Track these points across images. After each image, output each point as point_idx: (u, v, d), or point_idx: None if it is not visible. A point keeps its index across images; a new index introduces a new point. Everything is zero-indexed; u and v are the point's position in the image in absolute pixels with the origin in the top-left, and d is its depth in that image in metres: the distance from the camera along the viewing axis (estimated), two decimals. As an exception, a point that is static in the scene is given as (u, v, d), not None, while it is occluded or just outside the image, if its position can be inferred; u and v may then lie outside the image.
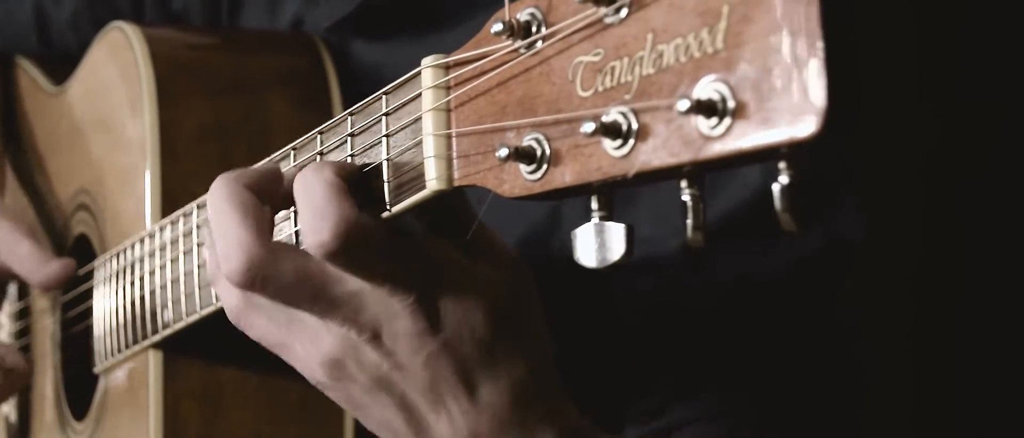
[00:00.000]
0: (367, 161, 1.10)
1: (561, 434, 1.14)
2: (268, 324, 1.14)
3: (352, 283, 1.08)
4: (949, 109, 1.40)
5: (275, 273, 1.07)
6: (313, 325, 1.11)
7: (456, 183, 1.02)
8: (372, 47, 1.62)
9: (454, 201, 1.09)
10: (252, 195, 1.09)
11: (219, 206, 1.09)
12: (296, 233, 1.17)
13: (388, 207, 1.08)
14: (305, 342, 1.13)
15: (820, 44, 0.80)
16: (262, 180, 1.11)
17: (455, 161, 1.02)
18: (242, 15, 1.77)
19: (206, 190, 1.32)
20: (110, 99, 1.67)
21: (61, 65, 1.85)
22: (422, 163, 1.03)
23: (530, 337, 1.14)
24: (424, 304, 1.08)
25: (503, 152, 0.95)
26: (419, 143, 1.04)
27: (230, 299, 1.14)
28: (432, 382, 1.11)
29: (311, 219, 1.04)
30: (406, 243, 1.08)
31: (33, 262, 1.70)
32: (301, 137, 1.19)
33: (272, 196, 1.13)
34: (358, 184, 1.09)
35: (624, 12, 0.89)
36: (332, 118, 1.16)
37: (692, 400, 1.34)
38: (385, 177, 1.08)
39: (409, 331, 1.09)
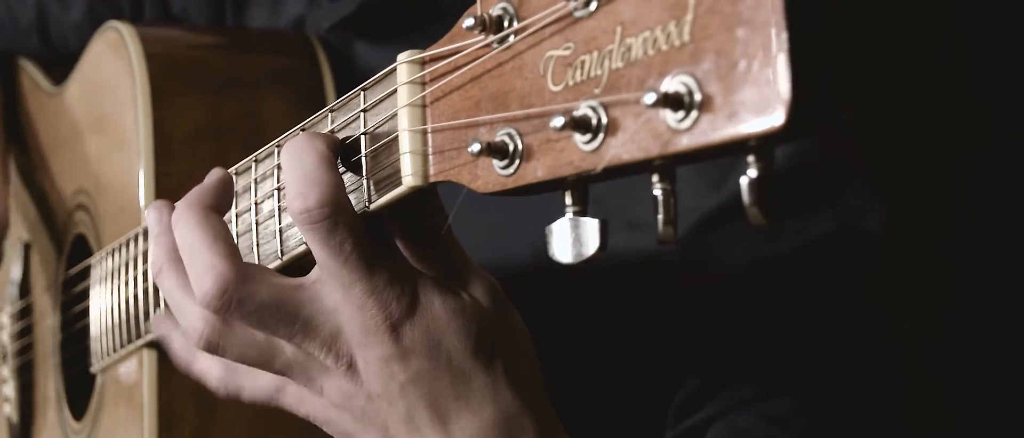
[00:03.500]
0: (346, 156, 1.10)
1: None
2: (246, 348, 1.12)
3: (328, 300, 1.07)
4: (938, 110, 1.39)
5: (249, 294, 1.06)
6: (295, 354, 1.11)
7: (432, 179, 1.01)
8: (374, 49, 1.62)
9: (425, 204, 1.09)
10: (217, 218, 1.10)
11: (189, 235, 1.09)
12: (279, 208, 1.17)
13: (367, 204, 1.08)
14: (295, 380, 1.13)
15: (785, 36, 0.79)
16: (220, 195, 1.11)
17: (431, 157, 1.01)
18: (247, 15, 1.77)
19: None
20: (106, 99, 1.67)
21: (61, 65, 1.86)
22: (398, 159, 1.03)
23: (512, 365, 1.11)
24: (398, 328, 1.06)
25: (475, 147, 0.95)
26: (395, 139, 1.04)
27: (198, 324, 1.12)
28: (408, 411, 1.09)
29: (298, 185, 1.03)
30: (385, 254, 1.07)
31: None
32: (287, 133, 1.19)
33: (229, 204, 1.14)
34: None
35: (594, 5, 0.89)
36: None
37: (723, 391, 1.34)
38: (364, 173, 1.08)
39: (381, 356, 1.07)
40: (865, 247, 1.32)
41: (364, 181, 1.07)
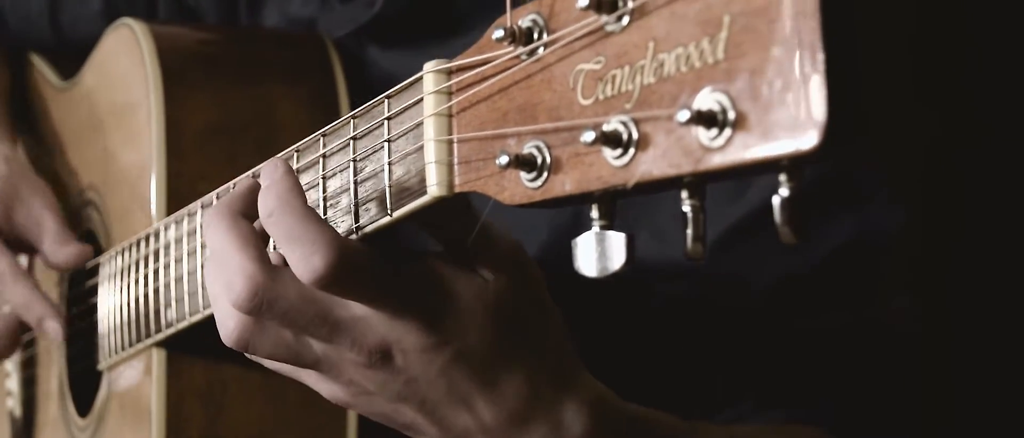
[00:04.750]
0: (369, 165, 1.10)
1: (589, 404, 1.15)
2: (276, 347, 1.13)
3: (356, 307, 1.09)
4: (948, 110, 1.40)
5: (280, 295, 1.07)
6: (325, 351, 1.12)
7: (457, 189, 1.01)
8: (387, 54, 1.62)
9: (457, 206, 1.09)
10: (247, 223, 1.10)
11: (219, 239, 1.10)
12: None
13: (389, 213, 1.07)
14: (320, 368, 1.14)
15: (821, 56, 0.79)
16: (249, 199, 1.12)
17: (456, 167, 1.01)
18: (262, 14, 1.77)
19: (213, 188, 1.33)
20: (117, 96, 1.66)
21: (70, 60, 1.85)
22: (423, 168, 1.03)
23: (541, 329, 1.14)
24: (430, 321, 1.08)
25: (503, 159, 0.95)
26: (420, 148, 1.03)
27: (230, 323, 1.13)
28: (449, 387, 1.11)
29: (300, 252, 1.04)
30: (401, 261, 1.08)
31: (57, 238, 1.71)
32: (306, 138, 1.19)
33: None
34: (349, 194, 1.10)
35: (626, 20, 0.89)
36: (339, 117, 1.15)
37: (740, 397, 1.35)
38: (387, 182, 1.07)
39: (418, 347, 1.09)
40: (884, 252, 1.34)
41: (387, 190, 1.07)
